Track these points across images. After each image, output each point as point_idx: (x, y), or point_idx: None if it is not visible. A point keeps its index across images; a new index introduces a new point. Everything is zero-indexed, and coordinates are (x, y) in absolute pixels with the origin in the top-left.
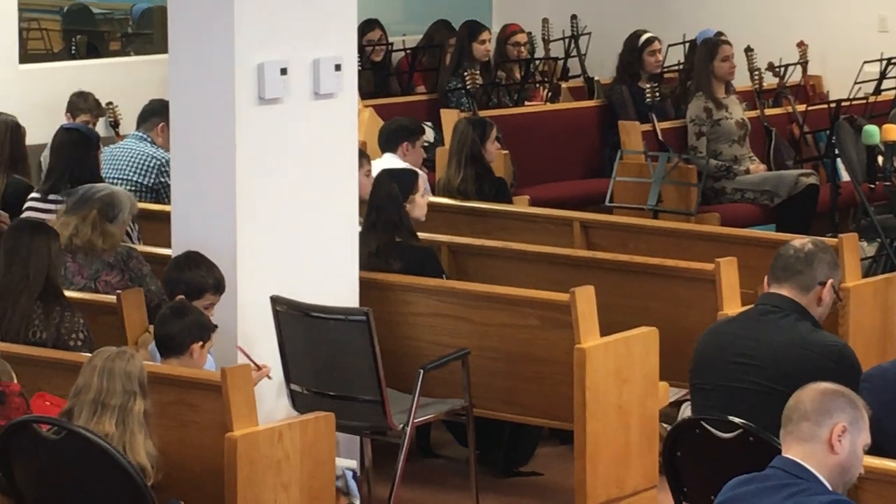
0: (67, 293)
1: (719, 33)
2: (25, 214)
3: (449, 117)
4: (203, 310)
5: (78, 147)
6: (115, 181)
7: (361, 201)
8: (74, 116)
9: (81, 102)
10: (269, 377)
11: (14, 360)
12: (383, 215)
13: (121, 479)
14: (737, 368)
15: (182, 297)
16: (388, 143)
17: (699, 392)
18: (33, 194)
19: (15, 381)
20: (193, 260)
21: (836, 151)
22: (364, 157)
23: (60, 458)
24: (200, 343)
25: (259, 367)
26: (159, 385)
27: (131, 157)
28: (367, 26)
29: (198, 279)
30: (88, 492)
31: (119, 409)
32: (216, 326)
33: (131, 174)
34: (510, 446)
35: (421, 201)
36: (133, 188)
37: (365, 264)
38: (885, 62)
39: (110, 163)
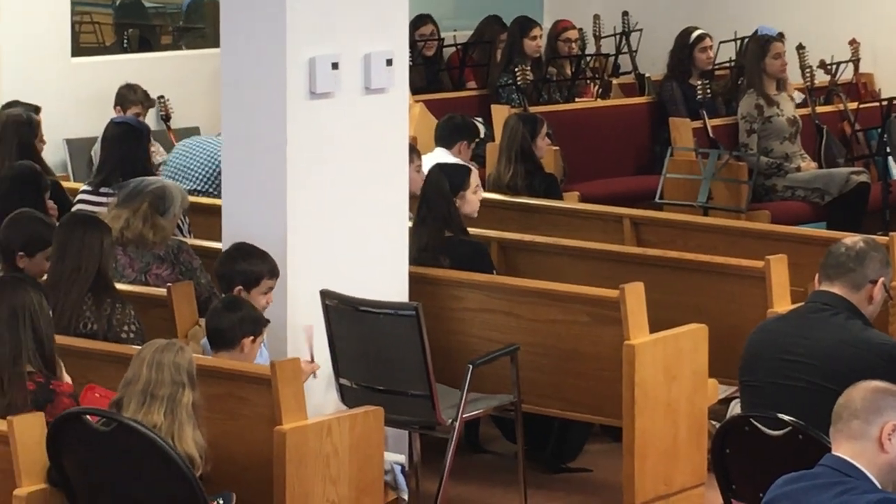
0: (118, 286)
1: (781, 34)
2: (76, 208)
3: (499, 113)
4: (262, 295)
5: (128, 140)
6: (187, 176)
7: (412, 196)
8: (125, 109)
9: (131, 94)
10: (315, 376)
11: (65, 351)
12: (433, 209)
13: (169, 470)
14: (787, 366)
15: (240, 287)
16: (445, 138)
17: (748, 389)
18: (84, 187)
19: (65, 375)
20: (244, 250)
21: (888, 149)
22: (414, 152)
23: (110, 449)
24: (251, 338)
25: (312, 360)
26: (209, 378)
27: (212, 155)
28: (419, 21)
29: (253, 268)
30: (138, 482)
31: (167, 399)
32: (268, 321)
33: (213, 173)
34: (558, 442)
35: (472, 198)
36: (212, 185)
37: (415, 259)
38: None
39: (188, 158)
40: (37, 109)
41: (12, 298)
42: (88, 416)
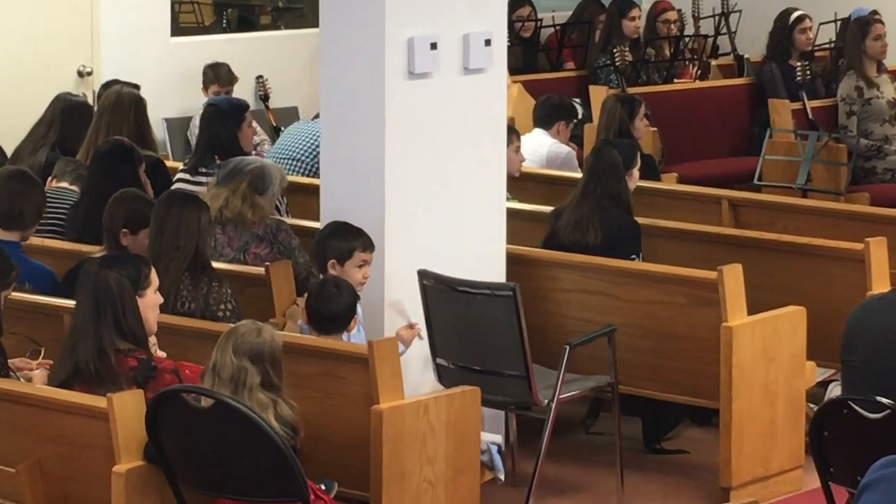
0: (216, 264)
1: (874, 12)
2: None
3: (598, 94)
4: (357, 269)
5: (214, 122)
6: (286, 153)
7: (510, 177)
8: (206, 88)
9: (210, 73)
10: (421, 336)
11: (161, 329)
12: (603, 185)
13: (267, 448)
14: (885, 347)
15: (333, 260)
16: (544, 119)
17: (850, 369)
18: (182, 166)
19: (158, 351)
20: (338, 226)
21: None
22: (513, 132)
23: (208, 426)
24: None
25: (412, 325)
26: (307, 357)
27: (311, 135)
28: (516, 3)
29: (345, 242)
30: (235, 460)
31: (231, 381)
32: (358, 297)
33: (312, 150)
34: (652, 422)
35: (636, 174)
36: (310, 162)
37: (561, 233)
38: None
39: (288, 138)
40: (136, 87)
41: (94, 288)
42: (186, 394)
